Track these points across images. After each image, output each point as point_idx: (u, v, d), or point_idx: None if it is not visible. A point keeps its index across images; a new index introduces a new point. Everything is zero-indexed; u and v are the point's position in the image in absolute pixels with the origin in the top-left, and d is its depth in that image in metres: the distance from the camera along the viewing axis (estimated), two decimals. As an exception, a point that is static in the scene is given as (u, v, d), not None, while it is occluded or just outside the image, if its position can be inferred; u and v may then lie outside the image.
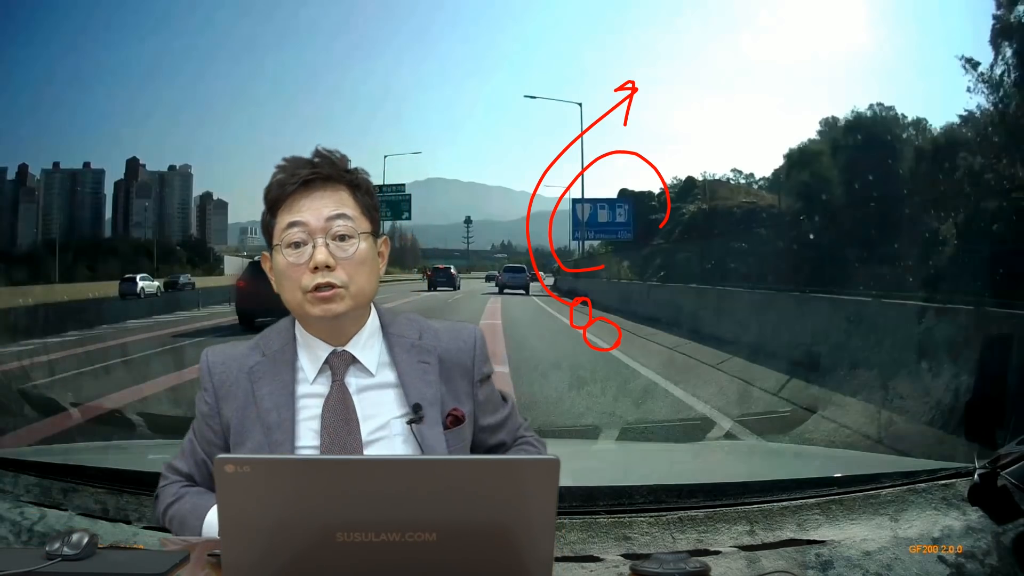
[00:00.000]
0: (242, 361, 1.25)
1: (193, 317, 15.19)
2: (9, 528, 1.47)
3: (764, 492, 1.55)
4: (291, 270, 1.21)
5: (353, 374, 1.24)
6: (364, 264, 1.22)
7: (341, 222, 1.21)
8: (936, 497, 1.48)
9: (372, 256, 1.24)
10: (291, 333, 1.27)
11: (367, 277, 1.23)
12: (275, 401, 1.21)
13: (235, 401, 1.23)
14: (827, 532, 1.40)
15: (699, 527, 1.44)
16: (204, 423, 1.26)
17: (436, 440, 1.21)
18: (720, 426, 5.19)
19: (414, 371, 1.25)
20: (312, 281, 1.19)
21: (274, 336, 1.28)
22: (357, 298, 1.22)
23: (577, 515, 1.46)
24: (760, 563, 1.25)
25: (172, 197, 22.33)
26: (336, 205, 1.22)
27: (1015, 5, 9.95)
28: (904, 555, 1.28)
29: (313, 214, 1.20)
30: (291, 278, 1.21)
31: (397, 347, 1.26)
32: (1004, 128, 10.63)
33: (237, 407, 1.22)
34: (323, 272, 1.19)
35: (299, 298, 1.21)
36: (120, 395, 6.31)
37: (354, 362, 1.24)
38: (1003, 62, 10.13)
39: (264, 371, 1.23)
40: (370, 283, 1.24)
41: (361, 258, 1.22)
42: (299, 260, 1.20)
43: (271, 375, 1.23)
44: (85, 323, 12.72)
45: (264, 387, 1.22)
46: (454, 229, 16.83)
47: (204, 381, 1.26)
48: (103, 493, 1.65)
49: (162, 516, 1.26)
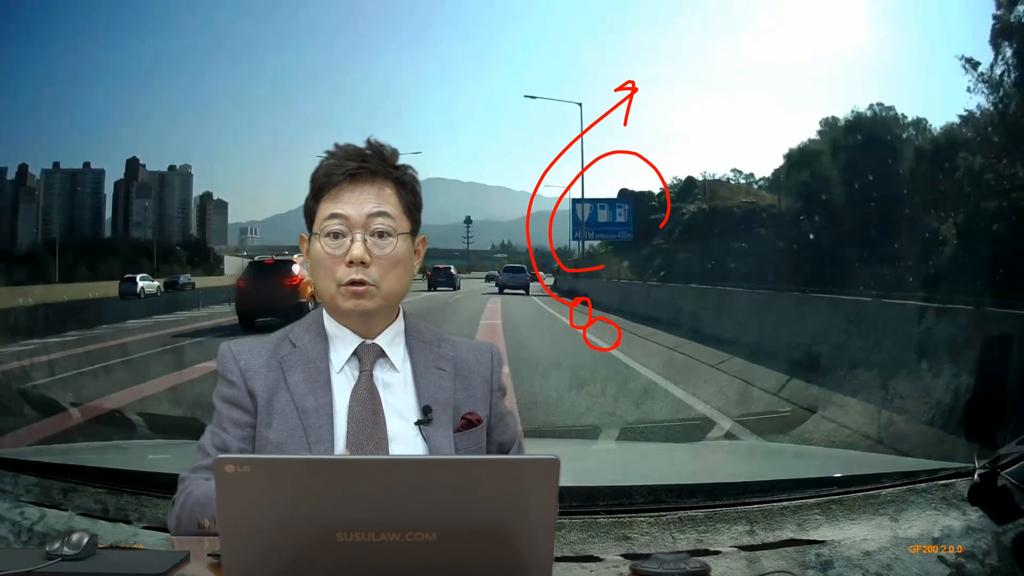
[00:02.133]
0: (271, 351, 1.26)
1: (193, 317, 15.20)
2: (9, 528, 1.47)
3: (764, 492, 1.55)
4: (327, 260, 1.22)
5: (379, 367, 1.25)
6: (399, 264, 1.24)
7: (381, 220, 1.22)
8: (936, 497, 1.48)
9: (408, 256, 1.26)
10: (321, 325, 1.28)
11: (399, 277, 1.25)
12: (311, 386, 1.22)
13: (264, 382, 1.22)
14: (827, 532, 1.40)
15: (699, 527, 1.44)
16: (232, 408, 1.23)
17: (444, 442, 1.22)
18: (720, 426, 5.20)
19: (429, 375, 1.26)
20: (347, 275, 1.20)
21: (302, 330, 1.29)
22: (388, 297, 1.23)
23: (577, 515, 1.46)
24: (760, 563, 1.25)
25: (172, 197, 22.33)
26: (379, 202, 1.22)
27: (1015, 5, 9.95)
28: (904, 555, 1.28)
29: (355, 208, 1.21)
30: (326, 268, 1.22)
31: (416, 350, 1.28)
32: (1004, 128, 10.63)
33: (266, 387, 1.22)
34: (358, 268, 1.20)
35: (332, 290, 1.22)
36: (120, 395, 6.32)
37: (382, 355, 1.25)
38: (1003, 62, 10.13)
39: (296, 360, 1.24)
40: (401, 283, 1.25)
41: (397, 258, 1.23)
42: (336, 252, 1.21)
43: (303, 363, 1.24)
44: (85, 323, 12.73)
45: (297, 374, 1.22)
46: (454, 229, 16.82)
47: (228, 367, 1.24)
48: (103, 493, 1.65)
49: (180, 509, 1.21)
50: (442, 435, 1.22)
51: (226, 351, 1.26)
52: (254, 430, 1.22)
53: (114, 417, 5.16)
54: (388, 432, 1.20)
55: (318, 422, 1.20)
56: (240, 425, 1.23)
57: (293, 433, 1.19)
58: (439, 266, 25.79)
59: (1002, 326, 5.24)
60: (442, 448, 1.21)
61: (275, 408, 1.21)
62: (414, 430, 1.22)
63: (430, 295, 21.49)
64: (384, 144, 1.27)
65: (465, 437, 1.24)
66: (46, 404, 5.57)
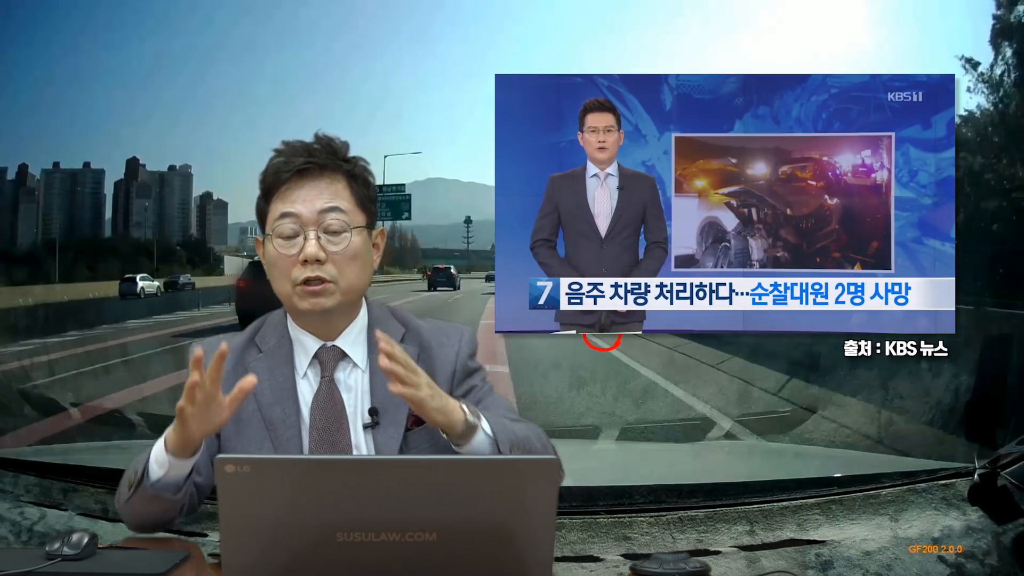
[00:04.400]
0: (238, 355, 1.23)
1: (193, 317, 15.15)
2: (9, 528, 1.47)
3: (764, 492, 1.55)
4: (281, 261, 1.19)
5: (342, 370, 1.22)
6: (356, 259, 1.21)
7: (334, 215, 1.19)
8: (936, 497, 1.48)
9: (365, 250, 1.23)
10: (285, 327, 1.25)
11: (358, 272, 1.21)
12: (276, 396, 1.20)
13: (229, 390, 1.20)
14: (827, 532, 1.40)
15: (699, 527, 1.44)
16: None
17: (391, 443, 1.18)
18: (720, 426, 5.18)
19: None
20: (302, 274, 1.18)
21: (269, 332, 1.26)
22: (347, 293, 1.20)
23: (577, 515, 1.46)
24: (760, 563, 1.25)
25: (172, 197, 22.30)
26: (330, 197, 1.20)
27: (1015, 5, 9.96)
28: (904, 555, 1.28)
29: (306, 206, 1.19)
30: (281, 269, 1.20)
31: (375, 348, 1.24)
32: (1004, 128, 10.63)
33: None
34: (313, 266, 1.17)
35: (288, 290, 1.20)
36: (120, 395, 6.30)
37: (343, 357, 1.22)
38: (1003, 62, 10.13)
39: (262, 367, 1.21)
40: (361, 278, 1.22)
41: (353, 253, 1.20)
42: (290, 252, 1.19)
43: (268, 370, 1.21)
44: (85, 323, 12.68)
45: (263, 382, 1.19)
46: (454, 229, 16.71)
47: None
48: (103, 493, 1.65)
49: (121, 501, 1.15)
50: (390, 436, 1.18)
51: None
52: (218, 440, 1.19)
53: (114, 417, 5.14)
54: (352, 439, 1.18)
55: (286, 434, 1.18)
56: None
57: (261, 445, 1.17)
58: (439, 266, 25.63)
59: (1002, 326, 5.24)
60: (387, 450, 1.17)
61: (241, 417, 1.17)
62: (367, 433, 1.19)
63: (430, 295, 21.46)
64: (333, 137, 1.23)
65: (417, 434, 1.19)
66: (46, 404, 5.55)
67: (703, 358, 8.93)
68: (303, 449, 1.18)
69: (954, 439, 4.39)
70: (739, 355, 8.47)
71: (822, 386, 6.47)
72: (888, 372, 5.67)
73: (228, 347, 1.18)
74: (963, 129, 14.37)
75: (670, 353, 9.56)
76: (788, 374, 7.14)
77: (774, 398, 6.55)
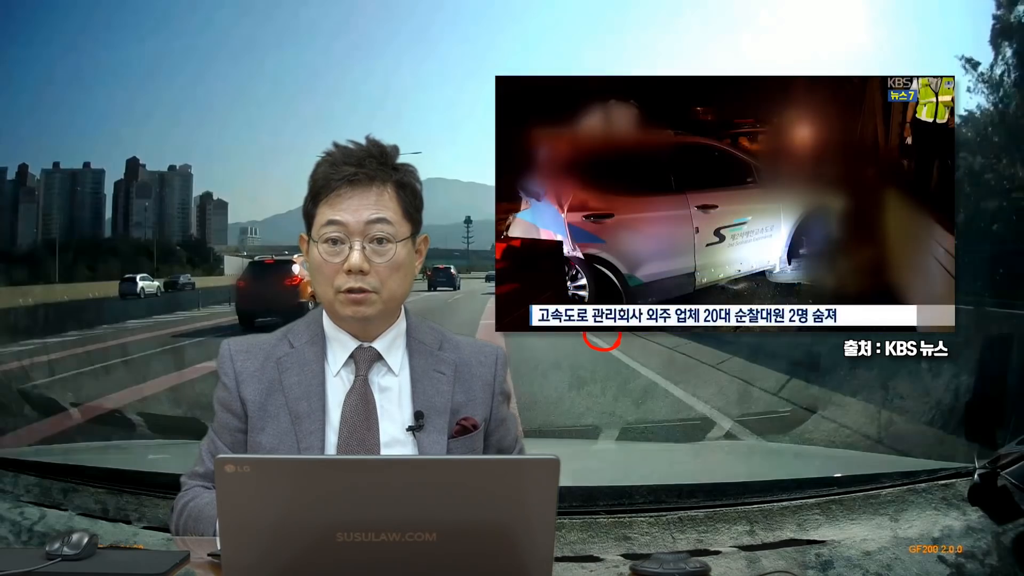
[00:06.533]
0: (269, 351, 1.25)
1: (193, 317, 15.15)
2: (9, 528, 1.47)
3: (764, 492, 1.55)
4: (325, 267, 1.20)
5: (376, 371, 1.24)
6: (399, 270, 1.22)
7: (380, 226, 1.20)
8: (936, 497, 1.48)
9: (408, 260, 1.24)
10: (320, 326, 1.27)
11: (400, 282, 1.23)
12: (305, 390, 1.21)
13: (258, 385, 1.22)
14: (827, 532, 1.40)
15: (699, 527, 1.44)
16: (224, 411, 1.24)
17: (437, 448, 1.21)
18: (720, 426, 5.19)
19: (427, 379, 1.24)
20: (345, 283, 1.19)
21: (303, 329, 1.28)
22: (388, 302, 1.22)
23: (577, 515, 1.46)
24: (760, 563, 1.25)
25: (172, 197, 22.32)
26: (377, 208, 1.20)
27: (1015, 5, 9.96)
28: (904, 555, 1.28)
29: (353, 215, 1.19)
30: (325, 275, 1.21)
31: (416, 353, 1.26)
32: (1004, 128, 10.63)
33: (259, 391, 1.21)
34: (356, 276, 1.18)
35: (331, 296, 1.21)
36: (120, 395, 6.30)
37: (379, 359, 1.24)
38: (1003, 62, 10.13)
39: (293, 361, 1.23)
40: (402, 287, 1.24)
41: (396, 264, 1.21)
42: (334, 259, 1.20)
43: (299, 365, 1.23)
44: (85, 323, 12.69)
45: (293, 376, 1.22)
46: (454, 229, 16.78)
47: (224, 369, 1.24)
48: (103, 493, 1.65)
49: (177, 518, 1.24)
50: (435, 440, 1.21)
51: (225, 352, 1.26)
52: (245, 435, 1.21)
53: (114, 417, 5.15)
54: (381, 438, 1.19)
55: (310, 427, 1.19)
56: (230, 430, 1.23)
57: (284, 438, 1.19)
58: (439, 266, 25.68)
59: (1002, 326, 5.24)
60: (435, 454, 1.20)
61: (269, 411, 1.20)
62: (407, 436, 1.21)
63: (430, 295, 21.47)
64: (385, 143, 1.24)
65: (460, 443, 1.22)
66: (46, 404, 5.55)
67: (703, 358, 8.93)
68: (324, 445, 1.19)
69: (954, 439, 4.39)
70: (739, 355, 8.47)
71: (822, 386, 6.47)
72: (888, 372, 5.67)
73: (258, 343, 1.24)
74: (963, 129, 14.41)
75: (670, 353, 9.56)
76: (788, 374, 7.14)
77: (774, 398, 6.55)
